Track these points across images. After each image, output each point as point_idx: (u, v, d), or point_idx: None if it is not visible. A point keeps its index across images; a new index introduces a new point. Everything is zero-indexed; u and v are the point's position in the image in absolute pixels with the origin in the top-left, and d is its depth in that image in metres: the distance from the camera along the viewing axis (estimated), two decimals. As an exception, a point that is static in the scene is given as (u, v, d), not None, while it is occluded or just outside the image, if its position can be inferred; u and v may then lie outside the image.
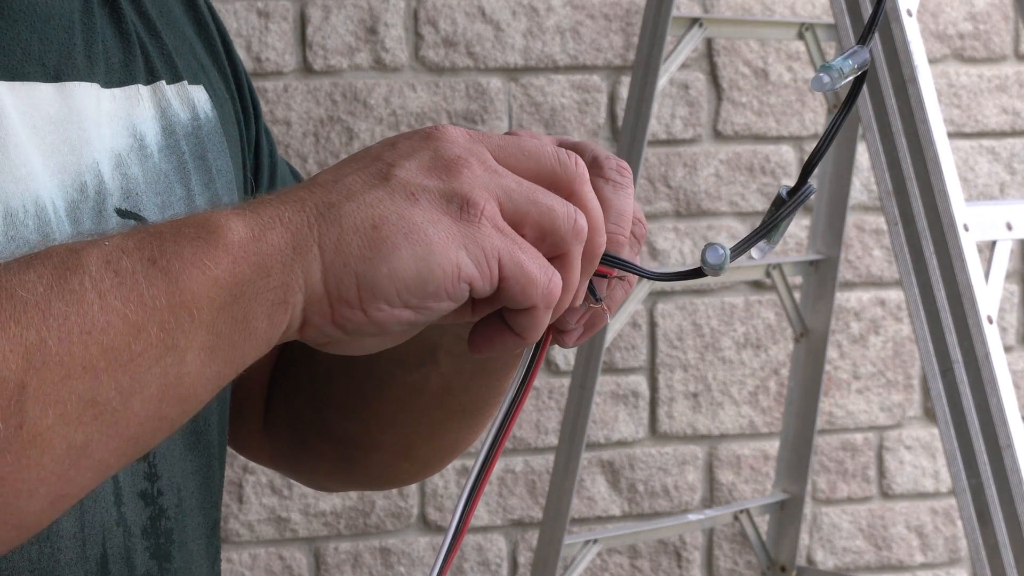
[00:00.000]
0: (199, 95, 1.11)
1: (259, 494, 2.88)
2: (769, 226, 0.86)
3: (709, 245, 0.84)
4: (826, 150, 0.84)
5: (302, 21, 2.83)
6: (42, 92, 0.98)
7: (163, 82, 1.08)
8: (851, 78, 0.85)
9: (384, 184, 0.78)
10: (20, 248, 0.92)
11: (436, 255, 0.77)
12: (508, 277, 0.79)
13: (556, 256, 0.81)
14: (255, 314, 0.76)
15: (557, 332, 0.86)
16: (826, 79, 0.83)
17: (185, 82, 1.10)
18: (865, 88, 2.06)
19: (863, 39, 0.84)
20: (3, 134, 0.95)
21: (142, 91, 1.06)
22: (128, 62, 1.06)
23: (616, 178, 0.85)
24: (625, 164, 0.86)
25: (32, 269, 0.73)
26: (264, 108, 2.82)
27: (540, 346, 0.85)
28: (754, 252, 0.87)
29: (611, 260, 0.85)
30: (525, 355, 0.86)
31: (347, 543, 2.91)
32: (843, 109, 0.85)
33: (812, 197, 0.86)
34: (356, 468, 1.19)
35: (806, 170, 0.85)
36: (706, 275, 0.85)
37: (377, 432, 1.13)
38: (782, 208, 0.85)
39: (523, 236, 0.80)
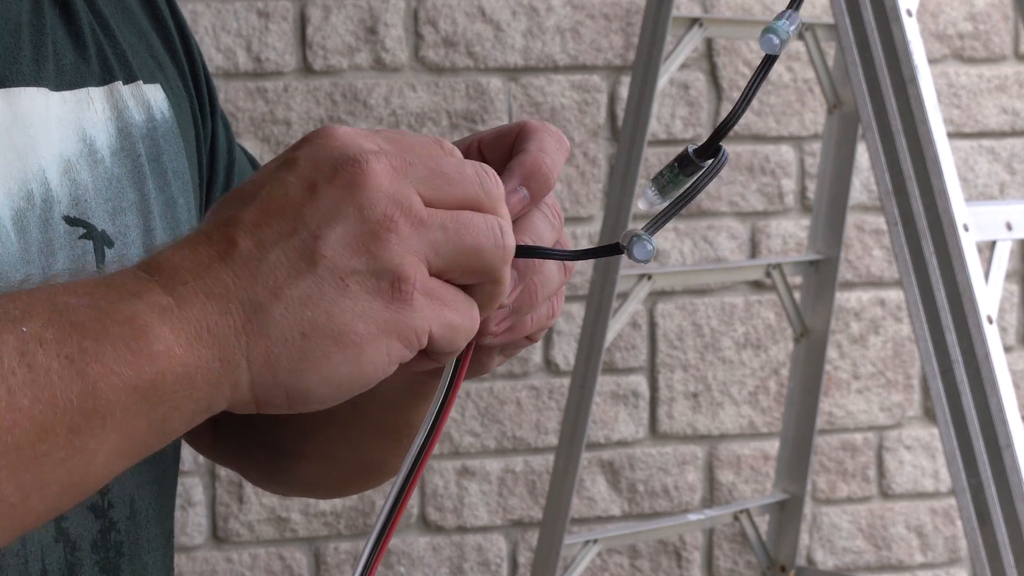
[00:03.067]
0: (155, 95, 1.09)
1: (259, 494, 2.89)
2: (687, 197, 0.84)
3: (635, 239, 0.82)
4: (740, 115, 0.82)
5: (302, 21, 2.83)
6: None
7: (119, 83, 1.06)
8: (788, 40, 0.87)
9: (311, 271, 0.75)
10: None
11: (367, 354, 0.76)
12: (436, 339, 0.78)
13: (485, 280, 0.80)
14: (173, 420, 0.74)
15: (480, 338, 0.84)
16: (775, 40, 0.85)
17: (140, 82, 1.08)
18: (865, 88, 2.06)
19: (796, 5, 0.86)
20: None
21: (93, 94, 1.04)
22: (80, 64, 1.04)
23: (549, 213, 0.84)
24: (555, 202, 0.85)
25: None
26: (264, 108, 2.82)
27: (461, 359, 0.83)
28: (640, 203, 0.85)
29: (526, 250, 0.83)
30: (447, 369, 0.83)
31: (347, 543, 2.92)
32: (758, 73, 0.85)
33: (726, 164, 0.84)
34: (285, 475, 1.18)
35: (717, 134, 0.83)
36: (623, 252, 0.83)
37: (302, 442, 1.12)
38: (697, 176, 0.83)
39: (451, 280, 0.79)
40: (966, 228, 1.99)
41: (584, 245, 2.94)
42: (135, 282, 0.75)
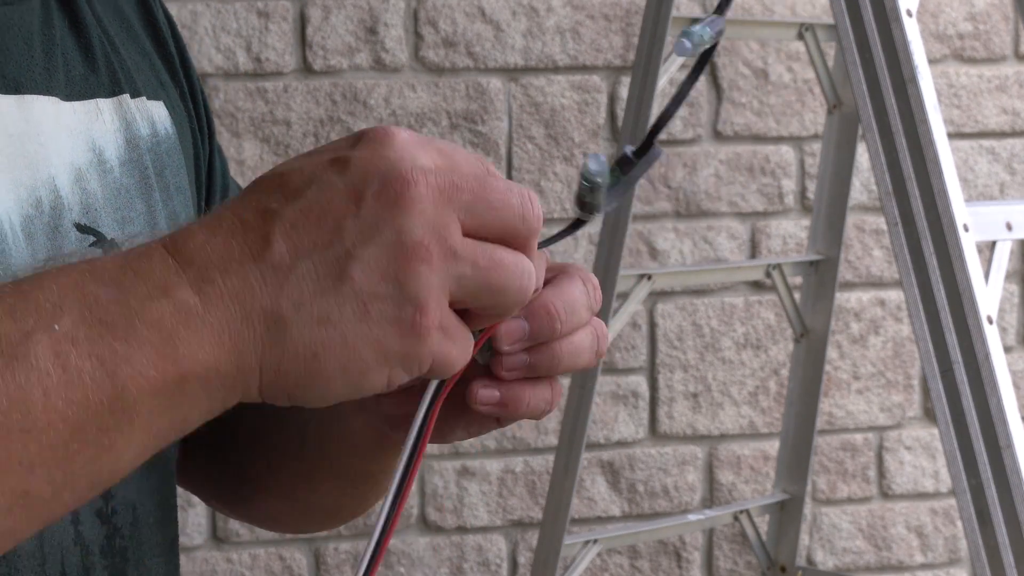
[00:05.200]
0: (159, 111, 1.09)
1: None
2: (625, 184, 0.84)
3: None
4: (674, 113, 0.83)
5: (302, 21, 2.83)
6: (1, 105, 0.97)
7: (127, 96, 1.06)
8: (710, 45, 0.87)
9: (336, 290, 0.75)
10: None
11: (369, 378, 0.77)
12: (432, 370, 0.78)
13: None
14: (191, 417, 0.76)
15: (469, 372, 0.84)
16: (688, 44, 0.85)
17: (145, 97, 1.08)
18: (865, 88, 2.06)
19: (720, 9, 0.86)
20: None
21: (102, 105, 1.04)
22: (89, 75, 1.04)
23: (589, 288, 0.85)
24: (596, 282, 0.86)
25: None
26: (264, 108, 2.83)
27: (436, 395, 0.83)
28: (587, 164, 0.85)
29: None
30: (421, 404, 0.83)
31: (347, 543, 2.92)
32: (693, 73, 0.85)
33: (660, 159, 0.84)
34: (247, 506, 1.19)
35: (653, 131, 0.83)
36: (586, 219, 0.83)
37: (267, 476, 1.13)
38: (632, 169, 0.83)
39: (466, 307, 0.79)
40: (966, 228, 1.99)
41: (584, 245, 2.94)
42: (163, 272, 0.75)
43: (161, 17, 1.15)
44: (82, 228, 0.98)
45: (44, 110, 0.99)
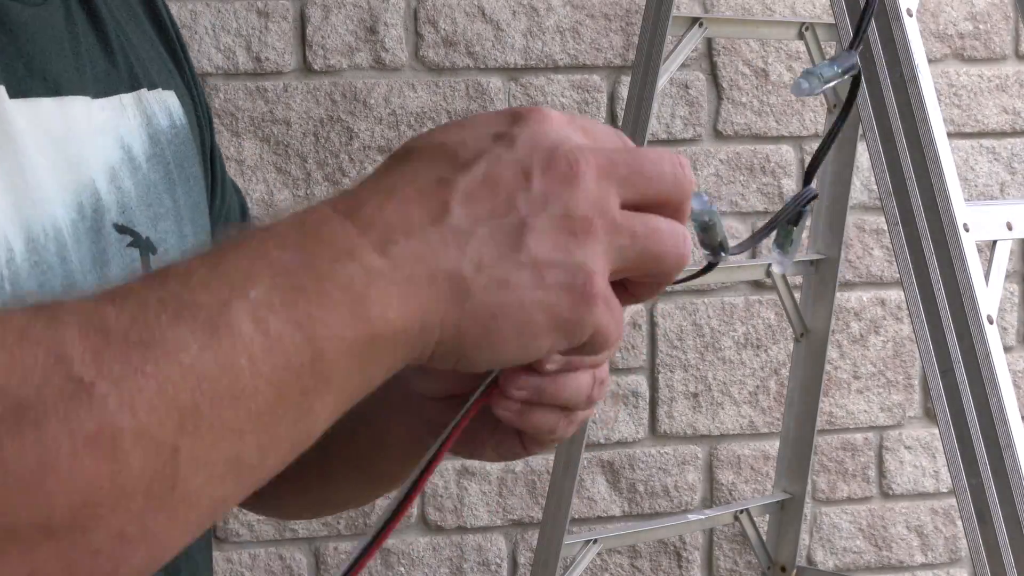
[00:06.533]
0: (172, 101, 1.11)
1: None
2: (773, 225, 0.87)
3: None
4: (827, 150, 0.85)
5: (302, 21, 2.84)
6: (45, 108, 0.98)
7: (145, 89, 1.07)
8: (836, 82, 0.87)
9: (515, 255, 0.78)
10: (45, 274, 0.92)
11: (538, 343, 0.79)
12: (593, 341, 0.80)
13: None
14: (377, 376, 0.77)
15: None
16: (805, 85, 0.86)
17: (160, 88, 1.10)
18: (865, 88, 2.06)
19: (852, 45, 0.86)
20: (21, 158, 0.94)
21: (125, 100, 1.05)
22: (111, 71, 1.05)
23: (594, 392, 0.93)
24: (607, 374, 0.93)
25: (183, 321, 0.71)
26: (264, 108, 2.83)
27: (471, 408, 0.86)
28: (775, 267, 0.89)
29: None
30: (463, 408, 0.87)
31: (347, 543, 2.92)
32: (842, 113, 0.86)
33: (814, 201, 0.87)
34: (256, 495, 1.20)
35: (809, 172, 0.87)
36: (716, 260, 0.89)
37: (290, 469, 1.14)
38: (782, 210, 0.87)
39: (626, 277, 0.82)
40: (966, 228, 1.99)
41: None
42: (345, 237, 0.76)
43: (161, 4, 1.16)
44: (120, 228, 0.99)
45: (79, 110, 1.00)
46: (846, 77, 0.87)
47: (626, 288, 0.83)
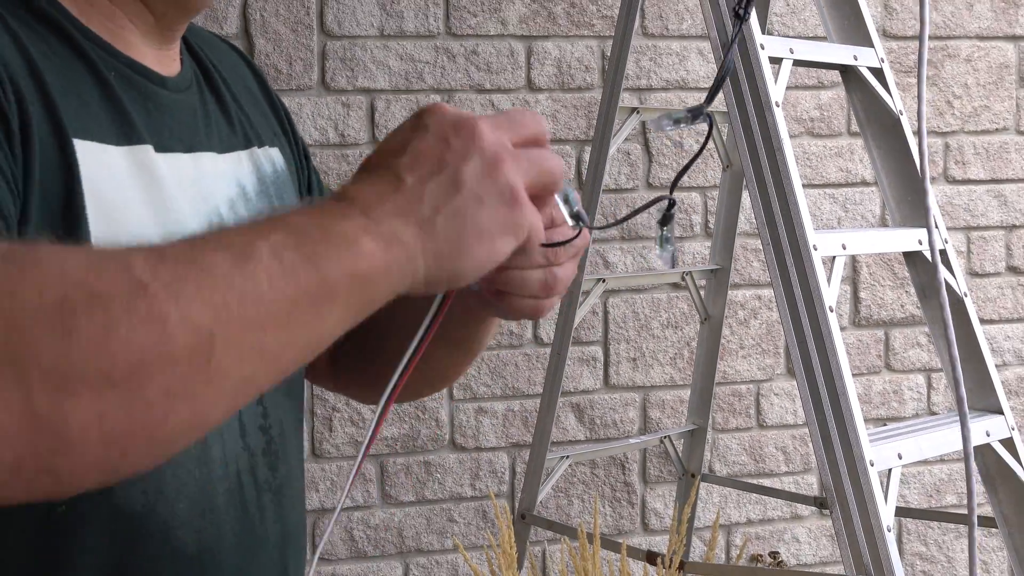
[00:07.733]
0: (276, 155, 1.08)
1: (350, 404, 2.87)
2: (630, 215, 0.88)
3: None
4: (683, 174, 0.86)
5: (371, 109, 2.82)
6: (182, 160, 0.96)
7: (255, 147, 1.05)
8: (683, 125, 0.89)
9: (459, 193, 0.75)
10: None
11: (496, 245, 0.76)
12: (531, 237, 0.78)
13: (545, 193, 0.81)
14: (377, 298, 0.74)
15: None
16: (664, 122, 0.88)
17: (268, 146, 1.07)
18: (747, 154, 2.07)
19: (707, 100, 0.88)
20: (166, 195, 0.92)
21: (241, 155, 1.03)
22: (231, 135, 1.03)
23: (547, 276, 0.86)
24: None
25: (219, 251, 0.68)
26: (346, 168, 2.82)
27: (444, 299, 0.82)
28: (655, 263, 0.88)
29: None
30: (432, 307, 0.82)
31: (402, 458, 2.92)
32: (700, 149, 0.88)
33: (673, 208, 0.88)
34: (357, 374, 1.13)
35: (672, 187, 0.87)
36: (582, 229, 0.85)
37: (375, 342, 1.07)
38: (640, 208, 0.87)
39: (531, 192, 0.79)
40: (815, 248, 2.00)
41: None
42: (339, 208, 0.74)
43: (273, 92, 1.16)
44: None
45: (207, 161, 0.99)
46: (695, 122, 0.89)
47: (534, 204, 0.80)
